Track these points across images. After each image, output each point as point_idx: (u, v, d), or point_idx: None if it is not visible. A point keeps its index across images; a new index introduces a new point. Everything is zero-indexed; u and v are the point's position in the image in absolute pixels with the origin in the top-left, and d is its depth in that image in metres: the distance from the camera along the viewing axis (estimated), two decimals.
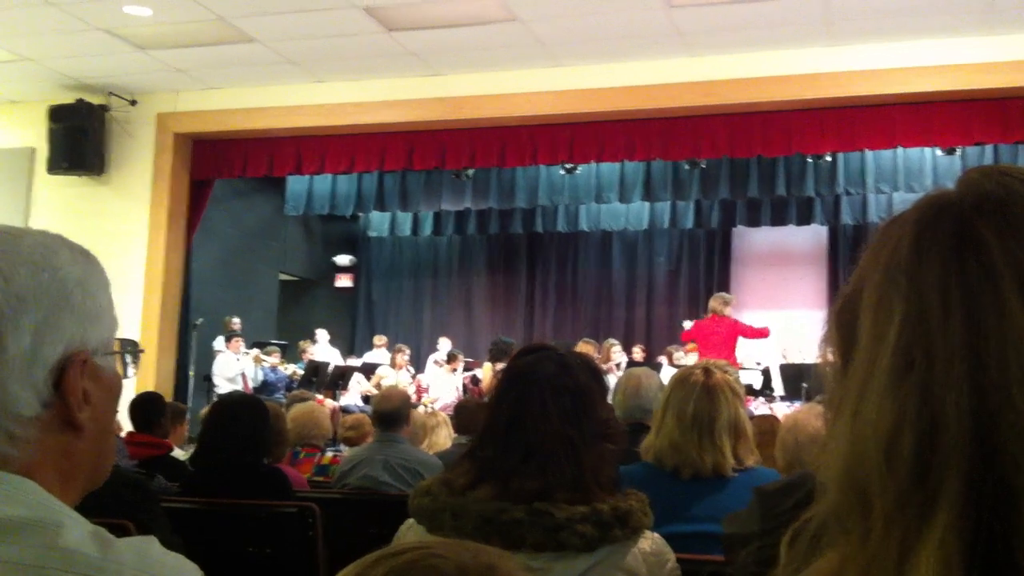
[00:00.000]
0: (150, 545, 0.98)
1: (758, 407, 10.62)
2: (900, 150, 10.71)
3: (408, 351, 13.36)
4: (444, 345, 14.00)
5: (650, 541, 1.92)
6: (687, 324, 11.88)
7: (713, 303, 10.45)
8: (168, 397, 7.49)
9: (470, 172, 12.41)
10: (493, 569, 0.86)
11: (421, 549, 0.88)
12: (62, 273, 1.03)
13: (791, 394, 10.28)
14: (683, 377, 2.94)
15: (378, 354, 14.00)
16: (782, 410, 9.39)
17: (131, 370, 1.14)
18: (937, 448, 0.62)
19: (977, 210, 0.67)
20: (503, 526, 1.80)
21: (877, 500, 0.63)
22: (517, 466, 1.90)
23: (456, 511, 1.85)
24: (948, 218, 0.68)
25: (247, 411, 4.04)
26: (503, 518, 1.81)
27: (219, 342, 11.95)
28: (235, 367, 11.65)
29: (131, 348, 1.15)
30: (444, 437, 5.84)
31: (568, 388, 1.96)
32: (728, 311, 10.36)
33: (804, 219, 13.97)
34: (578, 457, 1.90)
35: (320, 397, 10.46)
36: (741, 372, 8.31)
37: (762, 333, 10.43)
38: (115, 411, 1.13)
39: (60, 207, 10.14)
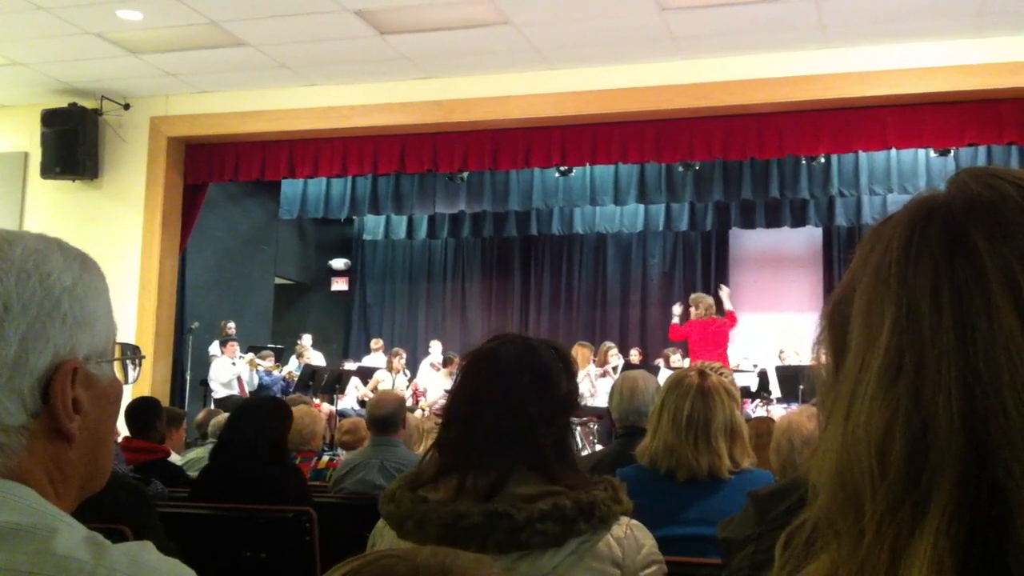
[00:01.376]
0: (145, 550, 0.97)
1: (755, 409, 10.63)
2: (893, 151, 10.73)
3: (405, 355, 13.36)
4: (436, 348, 13.99)
5: (624, 527, 1.89)
6: (676, 314, 11.85)
7: (707, 304, 10.50)
8: (164, 402, 7.49)
9: (464, 175, 12.41)
10: (446, 570, 0.86)
11: (380, 552, 0.89)
12: (51, 280, 1.02)
13: (788, 396, 10.29)
14: (678, 379, 2.95)
15: (375, 358, 14.00)
16: (779, 412, 9.40)
17: (132, 375, 1.14)
18: (928, 451, 0.62)
19: (967, 213, 0.67)
20: (464, 531, 1.77)
21: (869, 503, 0.63)
22: (475, 451, 1.88)
23: (419, 519, 1.83)
24: (938, 221, 0.68)
25: (271, 412, 4.16)
26: (463, 524, 1.78)
27: (214, 347, 11.95)
28: (230, 371, 11.65)
29: (132, 353, 1.14)
30: None
31: (529, 366, 1.94)
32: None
33: (798, 221, 13.98)
34: (536, 433, 1.88)
35: (317, 401, 10.45)
36: (737, 374, 8.32)
37: (732, 319, 10.66)
38: (113, 418, 1.12)
39: (54, 212, 10.12)
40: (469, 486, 1.85)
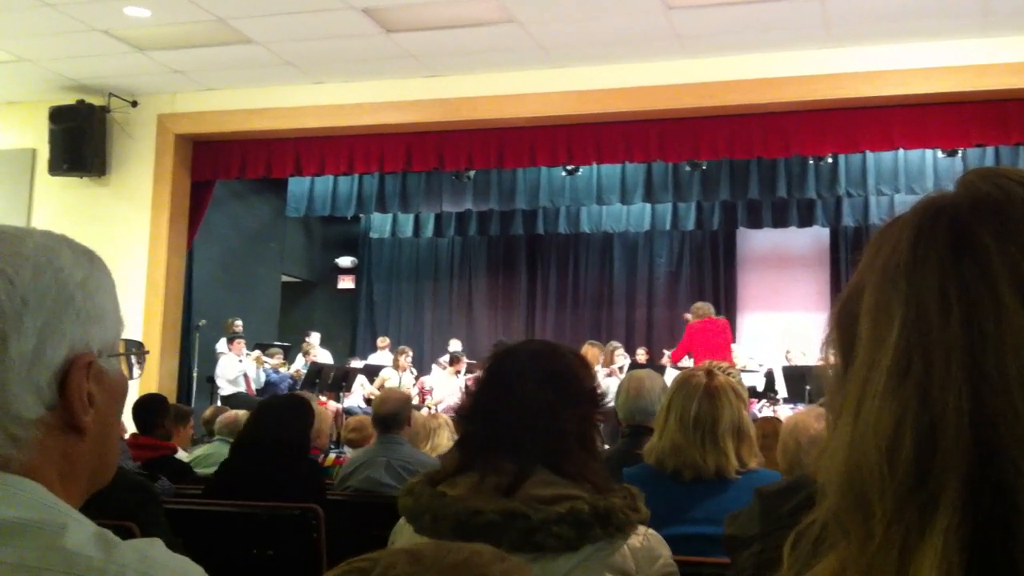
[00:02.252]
0: (154, 547, 0.97)
1: (762, 409, 10.62)
2: (901, 152, 10.72)
3: (411, 353, 13.36)
4: (455, 347, 13.98)
5: (641, 537, 1.88)
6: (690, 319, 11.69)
7: (706, 308, 10.50)
8: (171, 399, 7.49)
9: (471, 173, 12.43)
10: None
11: (357, 560, 0.86)
12: (65, 275, 1.03)
13: (794, 396, 10.28)
14: (685, 379, 2.95)
15: (381, 356, 14.00)
16: (785, 412, 9.39)
17: (136, 371, 1.14)
18: (937, 451, 0.62)
19: (975, 213, 0.67)
20: (478, 528, 1.77)
21: (877, 503, 0.63)
22: (496, 446, 1.88)
23: (435, 513, 1.84)
24: (946, 221, 0.68)
25: (297, 409, 4.23)
26: (477, 521, 1.78)
27: (221, 344, 11.96)
28: (237, 368, 11.66)
29: (136, 349, 1.15)
30: (446, 439, 5.84)
31: (549, 362, 1.96)
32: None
33: (805, 221, 13.97)
34: (558, 421, 1.88)
35: (323, 399, 10.46)
36: (743, 374, 8.31)
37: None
38: (119, 413, 1.13)
39: (61, 209, 10.14)
40: (488, 482, 1.85)
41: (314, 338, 13.75)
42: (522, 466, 1.85)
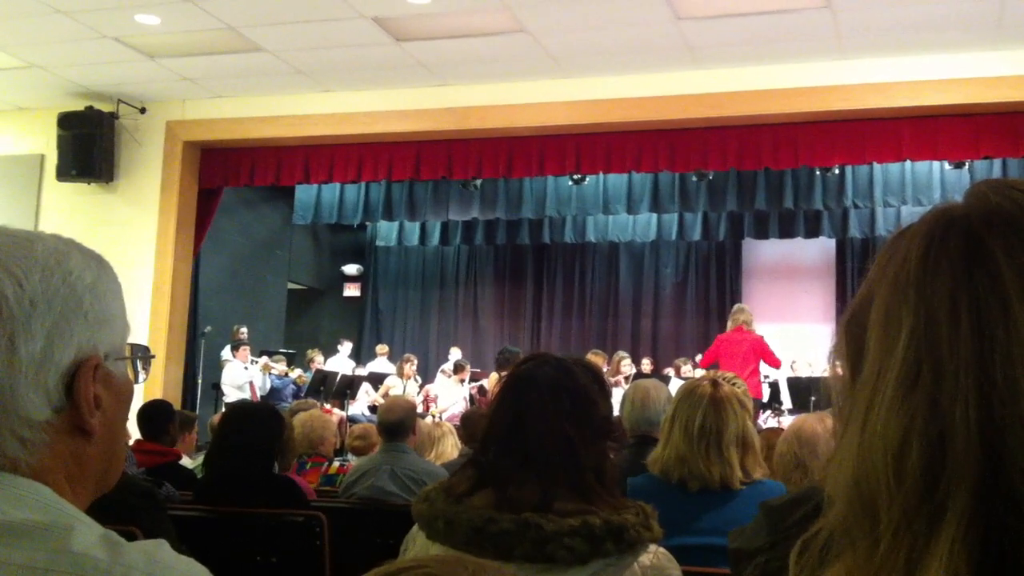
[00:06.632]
0: (160, 549, 0.97)
1: (766, 420, 10.59)
2: (908, 163, 10.71)
3: (416, 361, 13.36)
4: (456, 355, 13.99)
5: (652, 555, 1.88)
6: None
7: (741, 315, 10.26)
8: (176, 405, 7.51)
9: (478, 182, 12.44)
10: None
11: (418, 568, 0.85)
12: (74, 278, 1.03)
13: (799, 407, 10.25)
14: (691, 389, 2.94)
15: (380, 363, 13.99)
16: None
17: (142, 375, 1.15)
18: (945, 461, 0.62)
19: (986, 224, 0.67)
20: (492, 536, 1.78)
21: (885, 512, 0.63)
22: (516, 470, 1.88)
23: (449, 519, 1.84)
24: (957, 232, 0.68)
25: (260, 418, 4.05)
26: (491, 529, 1.79)
27: (226, 351, 11.97)
28: (243, 375, 11.67)
29: (142, 353, 1.15)
30: (450, 447, 5.84)
31: (567, 389, 1.95)
32: (754, 326, 10.26)
33: (812, 232, 13.95)
34: (577, 457, 1.89)
35: (327, 406, 10.45)
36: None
37: (776, 363, 10.19)
38: (126, 416, 1.13)
39: (69, 214, 10.17)
40: (510, 496, 1.85)
41: (345, 347, 13.87)
42: (546, 487, 1.86)
